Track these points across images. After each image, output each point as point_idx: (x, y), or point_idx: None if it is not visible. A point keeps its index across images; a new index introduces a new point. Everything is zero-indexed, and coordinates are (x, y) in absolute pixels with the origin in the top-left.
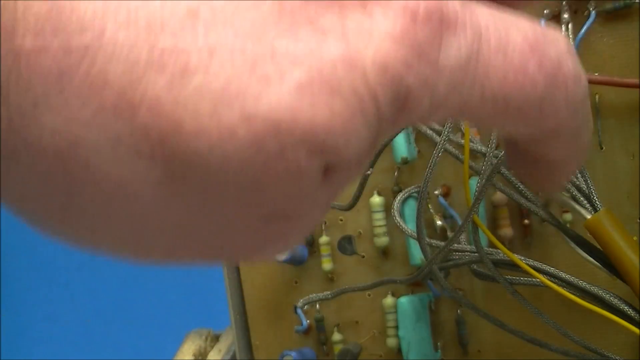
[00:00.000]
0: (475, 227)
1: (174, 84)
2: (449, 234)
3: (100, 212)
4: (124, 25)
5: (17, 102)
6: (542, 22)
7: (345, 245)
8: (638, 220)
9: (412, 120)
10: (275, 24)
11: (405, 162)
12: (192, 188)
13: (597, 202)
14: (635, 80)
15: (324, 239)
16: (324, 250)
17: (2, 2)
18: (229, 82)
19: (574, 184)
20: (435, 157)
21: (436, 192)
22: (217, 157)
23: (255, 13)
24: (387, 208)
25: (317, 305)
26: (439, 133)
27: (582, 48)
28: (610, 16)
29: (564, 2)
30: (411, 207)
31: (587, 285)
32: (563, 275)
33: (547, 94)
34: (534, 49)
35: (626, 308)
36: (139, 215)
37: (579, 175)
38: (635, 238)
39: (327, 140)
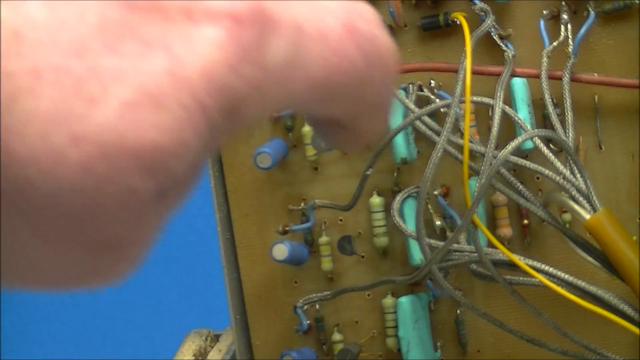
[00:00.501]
0: (475, 227)
1: (5, 110)
2: (449, 234)
3: None
4: None
5: None
6: (541, 22)
7: (345, 245)
8: (638, 220)
9: (244, 122)
10: (98, 39)
11: (404, 162)
12: (27, 214)
13: (596, 202)
14: (634, 81)
15: (323, 239)
16: (324, 251)
17: None
18: (56, 103)
19: (573, 184)
20: (435, 158)
21: (435, 192)
22: (48, 184)
23: (80, 28)
24: (387, 208)
25: (317, 305)
26: (438, 133)
27: (582, 48)
28: (610, 16)
29: (563, 3)
30: (411, 207)
31: (586, 285)
32: (562, 275)
33: (368, 72)
34: (349, 30)
35: (626, 308)
36: None
37: (578, 175)
38: (634, 238)
39: (157, 159)
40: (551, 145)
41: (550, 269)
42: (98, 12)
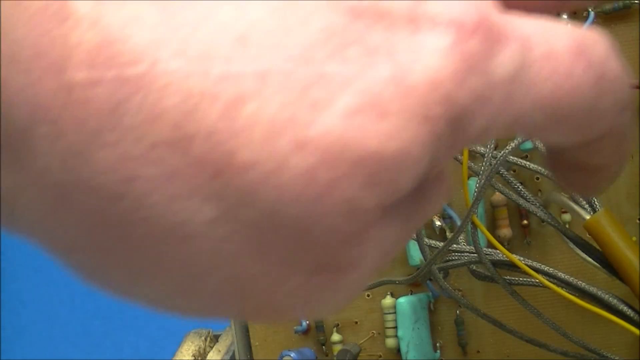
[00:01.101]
0: (474, 227)
1: (228, 112)
2: (448, 234)
3: (151, 256)
4: (175, 54)
5: (71, 139)
6: None
7: None
8: (637, 221)
9: (468, 140)
10: (324, 44)
11: None
12: (245, 228)
13: (596, 202)
14: (634, 81)
15: None
16: None
17: (52, 36)
18: (281, 108)
19: None
20: None
21: None
22: (270, 191)
23: (304, 34)
24: None
25: None
26: None
27: None
28: (609, 17)
29: None
30: None
31: (585, 286)
32: (562, 275)
33: (596, 98)
34: (579, 53)
35: (625, 308)
36: (189, 260)
37: None
38: (634, 238)
39: (380, 168)
40: None
41: (550, 270)
42: (323, 17)
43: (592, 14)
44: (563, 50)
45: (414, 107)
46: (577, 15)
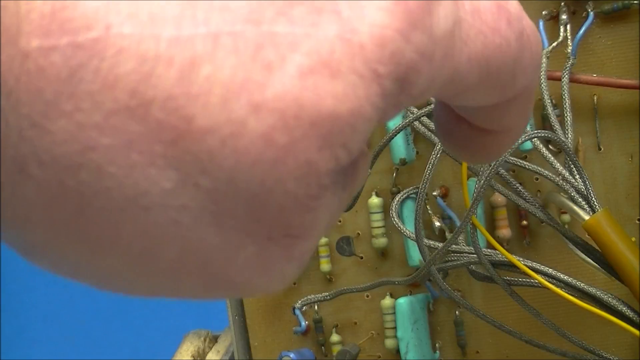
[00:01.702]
0: (474, 228)
1: (183, 77)
2: (448, 235)
3: (109, 229)
4: (127, 19)
5: (28, 110)
6: (541, 23)
7: (344, 246)
8: (637, 221)
9: (412, 98)
10: (270, 4)
11: (403, 163)
12: (204, 195)
13: (595, 203)
14: (633, 82)
15: (322, 240)
16: (323, 252)
17: (2, 3)
18: (236, 70)
19: (572, 185)
20: (434, 158)
21: (434, 193)
22: (228, 156)
23: None
24: (386, 209)
25: (316, 306)
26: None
27: (581, 49)
28: (609, 17)
29: (562, 3)
30: (409, 208)
31: (585, 286)
32: (561, 276)
33: (519, 52)
34: (500, 8)
35: (625, 309)
36: (148, 231)
37: (577, 176)
38: (633, 239)
39: (335, 129)
40: (550, 146)
41: (549, 270)
42: None
43: (591, 14)
44: (486, 6)
45: (363, 66)
46: (576, 16)
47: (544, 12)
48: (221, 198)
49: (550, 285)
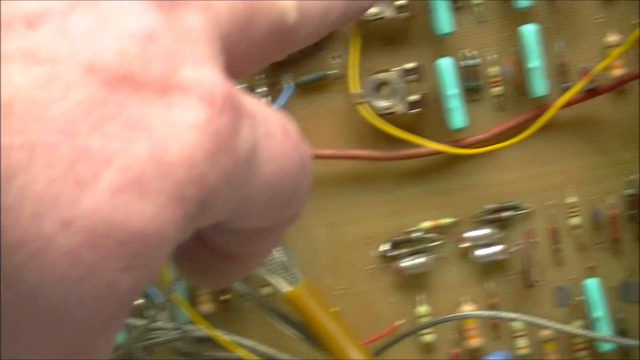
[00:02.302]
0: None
1: (3, 188)
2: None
3: None
4: None
5: None
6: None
7: None
8: (336, 290)
9: (206, 220)
10: (86, 117)
11: None
12: (3, 310)
13: (297, 274)
14: (334, 152)
15: None
16: None
17: None
18: (49, 184)
19: (274, 258)
20: None
21: None
22: (34, 272)
23: (67, 104)
24: None
25: None
26: None
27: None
28: (308, 88)
29: (259, 77)
30: None
31: (289, 358)
32: (263, 349)
33: (299, 177)
34: (287, 133)
35: None
36: None
37: (280, 250)
38: (332, 309)
39: (139, 251)
40: None
41: (251, 343)
42: (82, 87)
43: (291, 85)
44: (276, 129)
45: (172, 187)
46: (275, 88)
47: (242, 85)
48: (20, 314)
49: (253, 358)
